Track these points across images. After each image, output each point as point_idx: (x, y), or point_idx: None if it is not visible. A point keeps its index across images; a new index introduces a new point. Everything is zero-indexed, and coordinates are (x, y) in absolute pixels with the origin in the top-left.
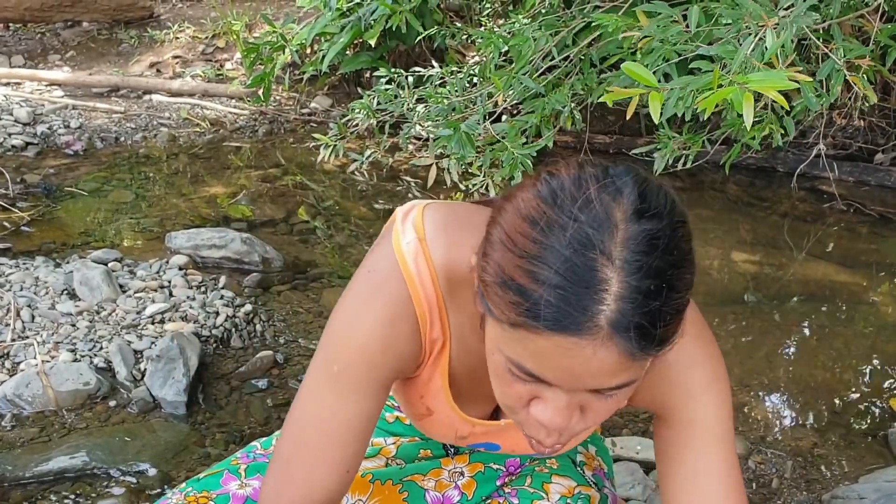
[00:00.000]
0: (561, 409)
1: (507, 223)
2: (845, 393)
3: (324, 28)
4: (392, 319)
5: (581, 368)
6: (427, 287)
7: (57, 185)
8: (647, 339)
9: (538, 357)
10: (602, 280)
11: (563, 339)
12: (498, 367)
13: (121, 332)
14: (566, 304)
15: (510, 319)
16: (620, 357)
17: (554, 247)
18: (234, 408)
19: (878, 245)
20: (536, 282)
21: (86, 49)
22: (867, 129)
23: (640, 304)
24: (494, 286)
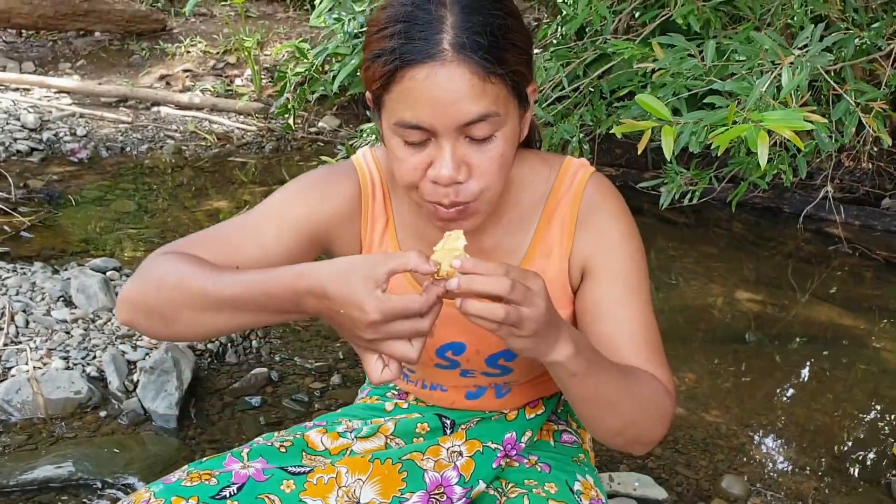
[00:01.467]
0: (447, 160)
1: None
2: (846, 438)
3: (335, 49)
4: (334, 178)
5: (441, 94)
6: (372, 170)
7: (59, 191)
8: (485, 53)
9: (409, 101)
10: (440, 17)
11: (420, 69)
12: (394, 149)
13: (115, 342)
14: (415, 40)
15: (383, 78)
16: (471, 75)
17: (398, 9)
18: (226, 424)
19: (882, 290)
20: (389, 37)
21: (97, 59)
22: (875, 173)
23: (472, 26)
24: (368, 70)
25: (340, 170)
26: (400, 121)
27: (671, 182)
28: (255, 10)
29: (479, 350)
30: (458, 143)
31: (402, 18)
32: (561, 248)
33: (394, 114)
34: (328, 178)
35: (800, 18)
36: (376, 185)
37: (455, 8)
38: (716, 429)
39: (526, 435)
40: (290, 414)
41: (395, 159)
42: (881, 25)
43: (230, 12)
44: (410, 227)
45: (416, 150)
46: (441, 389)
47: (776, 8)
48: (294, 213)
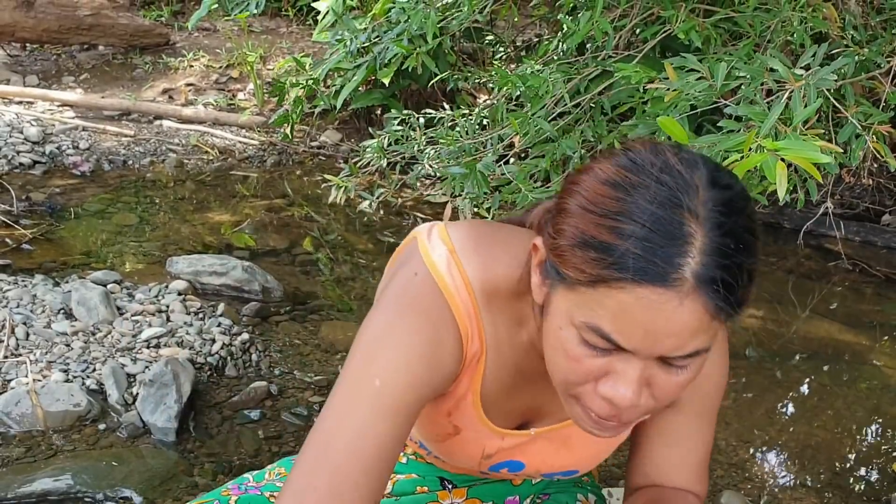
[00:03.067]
0: (632, 381)
1: (587, 190)
2: (846, 455)
3: (338, 64)
4: (437, 334)
5: (662, 325)
6: (464, 298)
7: (62, 204)
8: (728, 294)
9: (619, 315)
10: (688, 234)
11: (647, 290)
12: (567, 342)
13: (115, 355)
14: (652, 255)
15: (591, 277)
16: (702, 313)
17: (639, 202)
18: (225, 438)
19: (882, 306)
20: (621, 236)
21: (100, 72)
22: (875, 189)
23: (722, 260)
24: (572, 249)
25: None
26: (595, 327)
27: None
28: (259, 26)
29: (539, 469)
30: (649, 365)
31: (643, 220)
32: None
33: (588, 314)
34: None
35: (800, 36)
36: (472, 319)
37: (706, 224)
38: (715, 445)
39: (529, 497)
40: (289, 427)
41: (560, 350)
42: (881, 43)
43: (233, 27)
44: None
45: (595, 354)
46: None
47: (776, 25)
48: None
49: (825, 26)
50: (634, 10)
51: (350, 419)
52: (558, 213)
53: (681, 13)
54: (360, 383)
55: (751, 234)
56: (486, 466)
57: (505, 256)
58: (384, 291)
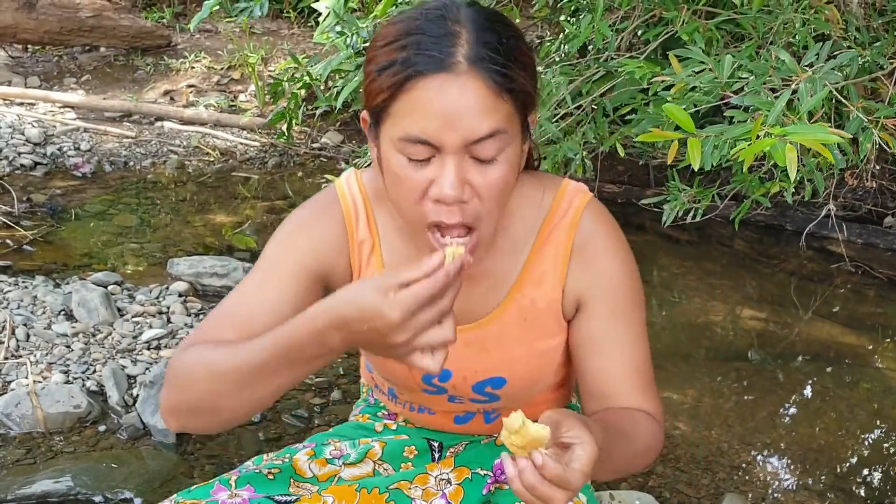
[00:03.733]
0: (450, 176)
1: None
2: (849, 457)
3: (339, 65)
4: (316, 213)
5: (453, 107)
6: (354, 192)
7: (62, 206)
8: (499, 69)
9: (417, 112)
10: (456, 32)
11: (433, 79)
12: (397, 167)
13: (115, 356)
14: (428, 51)
15: (391, 90)
16: (483, 89)
17: (412, 23)
18: (225, 439)
19: (884, 308)
20: (404, 48)
21: (101, 74)
22: (877, 191)
23: (488, 42)
24: (373, 82)
25: (322, 201)
26: (406, 135)
27: (674, 199)
28: (260, 27)
29: (466, 377)
30: (463, 162)
31: (414, 31)
32: (554, 277)
33: (399, 127)
34: (311, 215)
35: (802, 37)
36: (359, 208)
37: (468, 25)
38: (717, 447)
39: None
40: (289, 430)
41: (395, 179)
42: (883, 45)
43: (235, 29)
44: (398, 249)
45: (418, 168)
46: (429, 413)
47: (778, 27)
48: (287, 262)
49: (827, 28)
50: (636, 11)
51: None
52: (365, 67)
53: (683, 15)
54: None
55: (512, 31)
56: (418, 377)
57: None
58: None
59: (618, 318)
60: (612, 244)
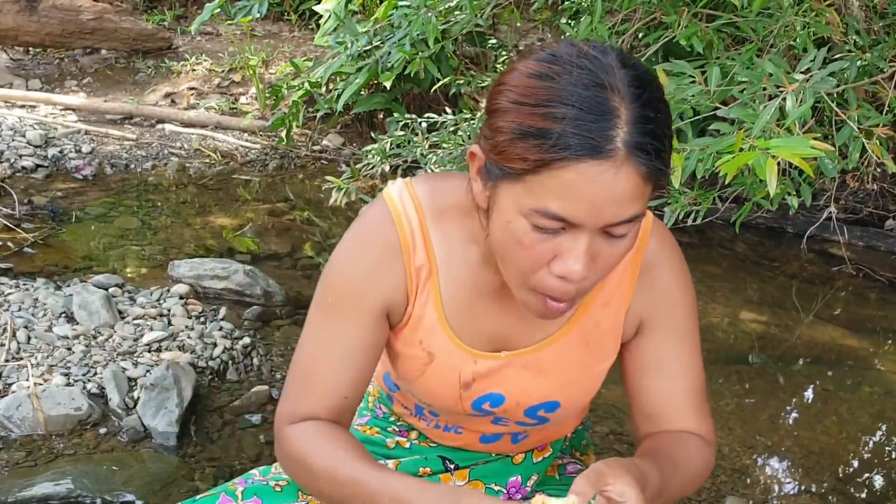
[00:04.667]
0: (581, 255)
1: (515, 87)
2: (850, 460)
3: (340, 68)
4: (370, 240)
5: (605, 195)
6: (410, 215)
7: (63, 208)
8: (656, 157)
9: (564, 193)
10: (614, 108)
11: (587, 164)
12: (518, 232)
13: (116, 359)
14: (587, 132)
15: (534, 164)
16: (636, 177)
17: (566, 87)
18: (226, 442)
19: (886, 311)
20: (556, 119)
21: (103, 76)
22: (878, 194)
23: (646, 127)
24: (511, 143)
25: (375, 225)
26: (544, 210)
27: (675, 202)
28: (261, 30)
29: (520, 402)
30: (595, 238)
31: (569, 101)
32: (620, 298)
33: (536, 200)
34: (365, 244)
35: (802, 40)
36: (415, 232)
37: (627, 98)
38: (718, 450)
39: (532, 479)
40: None
41: (514, 243)
42: (883, 48)
43: (236, 31)
44: (457, 276)
45: (545, 238)
46: (456, 431)
47: (779, 30)
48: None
49: (828, 31)
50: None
51: (310, 334)
52: (491, 115)
53: (683, 18)
54: (317, 306)
55: (664, 104)
56: (468, 403)
57: (455, 181)
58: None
59: (679, 339)
60: (677, 265)
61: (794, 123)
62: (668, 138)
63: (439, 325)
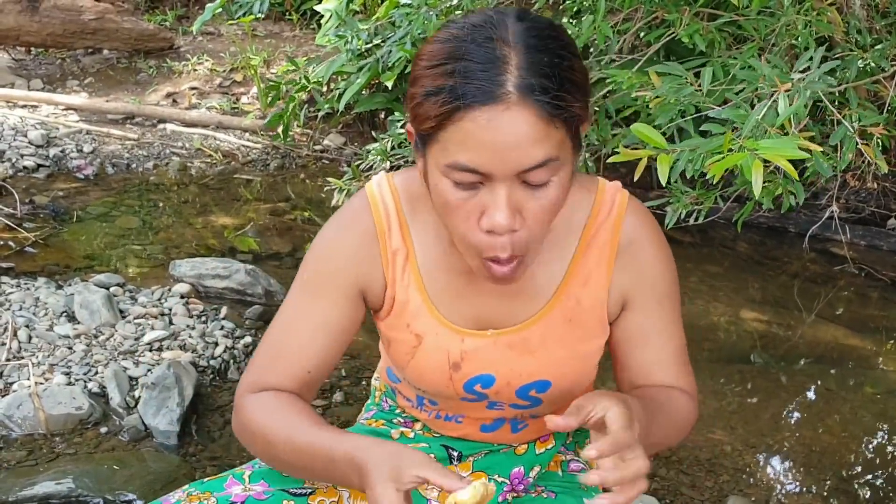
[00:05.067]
0: (502, 205)
1: (424, 54)
2: (854, 460)
3: (341, 67)
4: (348, 225)
5: (503, 138)
6: (386, 200)
7: (65, 207)
8: (550, 97)
9: (466, 142)
10: (503, 56)
11: (479, 111)
12: (444, 192)
13: (117, 358)
14: (478, 80)
15: (438, 119)
16: (534, 118)
17: (461, 45)
18: (227, 441)
19: (888, 311)
20: (451, 75)
21: (104, 76)
22: (880, 193)
23: (539, 69)
24: (420, 106)
25: (353, 211)
26: (454, 163)
27: (676, 201)
28: (263, 30)
29: (510, 382)
30: (514, 188)
31: (461, 55)
32: (600, 276)
33: (447, 155)
34: (341, 227)
35: (804, 39)
36: (391, 216)
37: (519, 47)
38: (721, 449)
39: (534, 470)
40: None
41: (443, 203)
42: (885, 47)
43: (237, 31)
44: (434, 257)
45: (467, 194)
46: (456, 420)
47: (780, 29)
48: (325, 283)
49: (829, 30)
50: (638, 13)
51: (285, 308)
52: (410, 86)
53: (685, 17)
54: (295, 283)
55: (567, 51)
56: (459, 385)
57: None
58: None
59: (661, 309)
60: (655, 239)
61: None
62: (569, 80)
63: (424, 307)
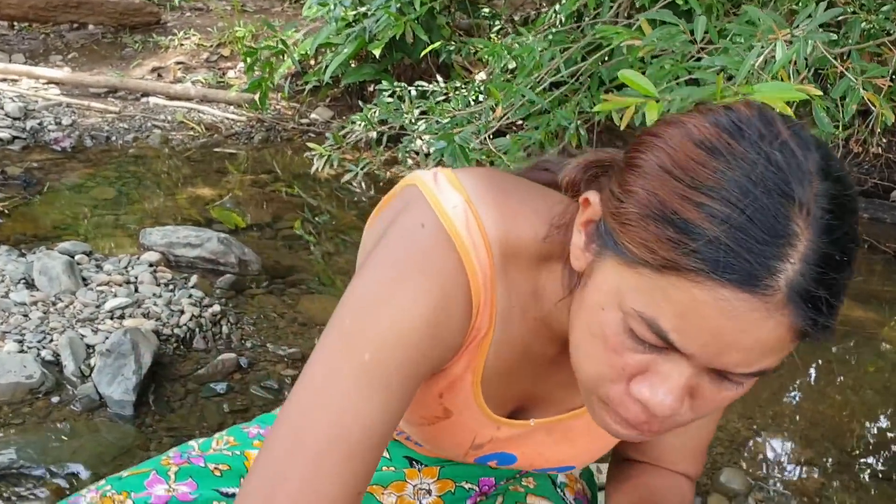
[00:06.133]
0: (676, 387)
1: (673, 148)
2: (855, 433)
3: (328, 38)
4: (446, 301)
5: (735, 337)
6: (482, 259)
7: (38, 178)
8: (824, 314)
9: (686, 314)
10: (792, 233)
11: (730, 292)
12: (608, 327)
13: (75, 326)
14: (746, 251)
15: (661, 261)
16: (786, 331)
17: (740, 180)
18: (187, 411)
19: (892, 283)
20: (712, 218)
21: (88, 51)
22: (883, 165)
23: (825, 272)
24: (643, 220)
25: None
26: (652, 322)
27: None
28: (252, 5)
29: (533, 464)
30: (700, 373)
31: (742, 204)
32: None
33: (647, 303)
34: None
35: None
36: (487, 282)
37: (814, 229)
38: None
39: (505, 479)
40: (257, 401)
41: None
42: (890, 9)
43: (226, 6)
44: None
45: (638, 348)
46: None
47: None
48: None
49: None
50: None
51: (333, 397)
52: (629, 170)
53: None
54: (346, 355)
55: (854, 243)
56: (472, 458)
57: (528, 212)
58: (376, 247)
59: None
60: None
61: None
62: (845, 291)
63: (470, 389)
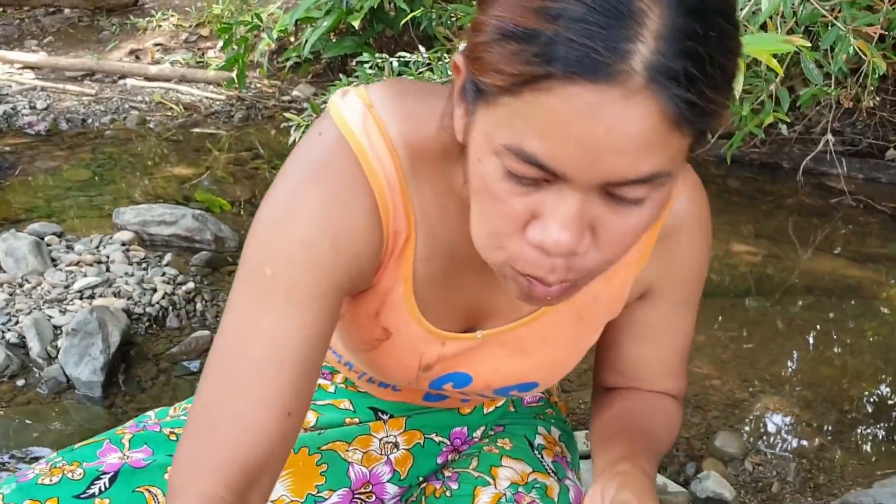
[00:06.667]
0: (568, 219)
1: None
2: (854, 393)
3: (306, 13)
4: (343, 197)
5: (603, 136)
6: (385, 163)
7: (10, 162)
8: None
9: (546, 127)
10: (638, 10)
11: (582, 88)
12: (488, 176)
13: (42, 307)
14: (589, 39)
15: (512, 79)
16: (657, 118)
17: None
18: (159, 391)
19: (889, 243)
20: (549, 17)
21: (65, 35)
22: (877, 125)
23: (686, 44)
24: (489, 46)
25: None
26: (517, 148)
27: None
28: None
29: (490, 383)
30: (591, 200)
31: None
32: (627, 271)
33: (511, 132)
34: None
35: None
36: (393, 185)
37: (663, 3)
38: (710, 384)
39: (479, 430)
40: None
41: (482, 190)
42: None
43: None
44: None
45: (521, 189)
46: (394, 389)
47: None
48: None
49: None
50: None
51: (235, 316)
52: (479, 10)
53: None
54: (249, 281)
55: (725, 20)
56: (425, 382)
57: (433, 101)
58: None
59: (682, 308)
60: (702, 228)
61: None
62: (720, 67)
63: (403, 301)
